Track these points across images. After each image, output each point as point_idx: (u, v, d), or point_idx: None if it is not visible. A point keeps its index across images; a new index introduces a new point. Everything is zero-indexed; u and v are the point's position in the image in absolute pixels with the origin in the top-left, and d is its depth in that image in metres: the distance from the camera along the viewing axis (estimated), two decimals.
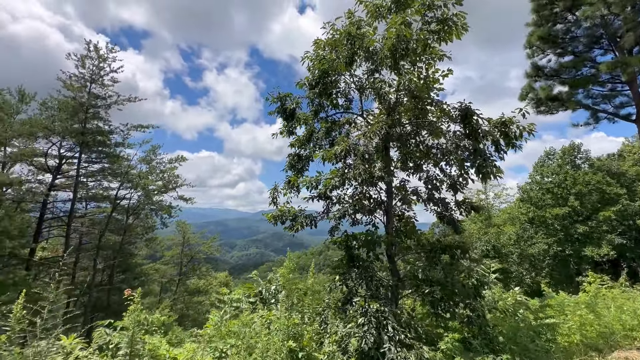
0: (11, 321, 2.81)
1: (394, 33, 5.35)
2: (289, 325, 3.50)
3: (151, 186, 16.94)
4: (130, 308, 3.35)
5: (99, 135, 13.23)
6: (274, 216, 6.28)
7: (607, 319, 5.95)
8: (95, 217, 16.40)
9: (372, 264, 5.72)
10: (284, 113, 7.13)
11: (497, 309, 6.18)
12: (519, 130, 5.88)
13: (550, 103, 11.58)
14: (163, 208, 17.23)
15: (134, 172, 15.95)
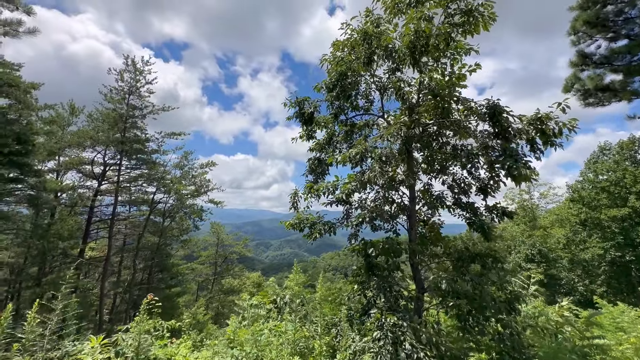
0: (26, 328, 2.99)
1: (411, 29, 5.04)
2: (295, 339, 3.39)
3: (184, 190, 17.89)
4: (137, 318, 3.44)
5: (136, 144, 14.25)
6: (291, 224, 6.21)
7: None
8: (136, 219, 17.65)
9: (392, 273, 5.43)
10: (302, 117, 7.05)
11: (533, 326, 5.57)
12: (558, 126, 5.26)
13: (601, 94, 10.37)
14: (195, 211, 18.09)
15: (169, 177, 16.95)
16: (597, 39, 10.45)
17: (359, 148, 5.45)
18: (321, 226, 6.24)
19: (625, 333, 5.68)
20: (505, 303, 5.42)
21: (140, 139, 14.93)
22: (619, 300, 24.93)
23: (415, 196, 6.40)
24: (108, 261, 14.25)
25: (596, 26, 10.04)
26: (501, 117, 5.23)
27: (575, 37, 10.69)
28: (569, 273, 30.32)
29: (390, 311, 4.70)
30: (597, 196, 28.76)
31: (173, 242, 19.55)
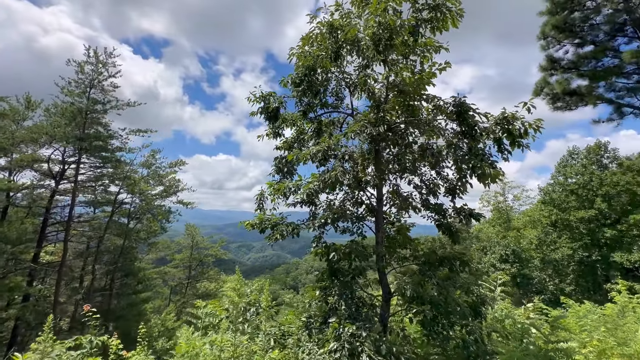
0: None
1: (375, 21, 4.79)
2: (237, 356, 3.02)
3: (152, 191, 17.05)
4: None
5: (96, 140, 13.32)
6: (251, 224, 5.81)
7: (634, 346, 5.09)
8: (100, 221, 16.59)
9: (355, 278, 5.14)
10: (266, 113, 6.66)
11: (498, 331, 5.43)
12: (524, 127, 5.16)
13: (568, 98, 10.60)
14: (161, 213, 17.22)
15: (136, 177, 16.06)
16: (565, 44, 10.67)
17: (322, 146, 5.14)
18: (284, 227, 5.87)
19: (589, 334, 5.64)
20: (470, 307, 5.25)
21: (102, 136, 13.96)
22: (586, 298, 25.94)
23: (382, 197, 6.16)
24: (63, 266, 13.23)
25: (564, 31, 10.22)
26: (467, 116, 5.07)
27: (545, 41, 10.88)
28: (541, 272, 31.34)
29: (350, 319, 4.39)
30: (567, 198, 29.87)
31: (140, 245, 18.55)
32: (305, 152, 5.22)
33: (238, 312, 4.50)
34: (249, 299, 4.73)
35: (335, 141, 5.05)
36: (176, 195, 17.82)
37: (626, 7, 9.08)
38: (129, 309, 14.92)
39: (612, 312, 10.92)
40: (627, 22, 9.30)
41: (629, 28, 9.50)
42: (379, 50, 4.98)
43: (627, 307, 10.50)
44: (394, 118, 5.82)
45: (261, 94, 6.79)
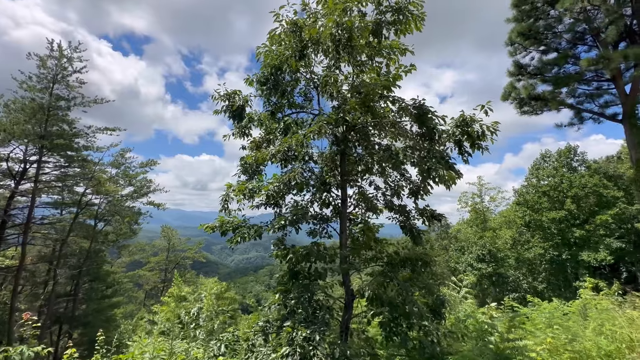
0: None
1: (333, 20, 4.75)
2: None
3: (123, 192, 16.40)
4: None
5: (59, 138, 12.58)
6: (212, 226, 5.64)
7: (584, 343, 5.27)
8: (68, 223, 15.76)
9: (314, 280, 5.06)
10: (230, 112, 6.50)
11: (453, 332, 5.49)
12: (482, 129, 5.26)
13: (534, 103, 10.96)
14: (128, 214, 16.52)
15: (103, 177, 15.38)
16: (531, 51, 11.04)
17: (282, 147, 5.05)
18: (246, 230, 5.73)
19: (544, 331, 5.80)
20: (429, 308, 5.29)
21: (66, 134, 13.23)
22: (557, 295, 26.95)
23: (346, 198, 6.13)
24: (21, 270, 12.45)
25: (529, 38, 10.56)
26: (427, 118, 5.11)
27: (512, 48, 11.22)
28: (515, 271, 32.33)
29: (305, 323, 4.31)
30: (539, 200, 30.92)
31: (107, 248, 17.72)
32: (264, 153, 5.10)
33: (190, 317, 4.33)
34: (202, 303, 4.58)
35: (295, 142, 4.96)
36: (148, 196, 17.23)
37: (585, 17, 9.48)
38: (96, 315, 14.22)
39: (576, 309, 11.37)
40: (587, 31, 9.72)
41: (589, 37, 9.93)
42: (338, 51, 4.94)
43: (589, 304, 10.95)
44: (357, 119, 5.80)
45: (226, 91, 6.63)
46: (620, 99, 9.17)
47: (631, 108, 8.93)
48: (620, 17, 8.14)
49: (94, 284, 15.24)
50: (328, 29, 4.88)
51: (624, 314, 6.11)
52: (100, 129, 14.55)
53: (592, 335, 5.38)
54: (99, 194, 15.04)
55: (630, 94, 9.02)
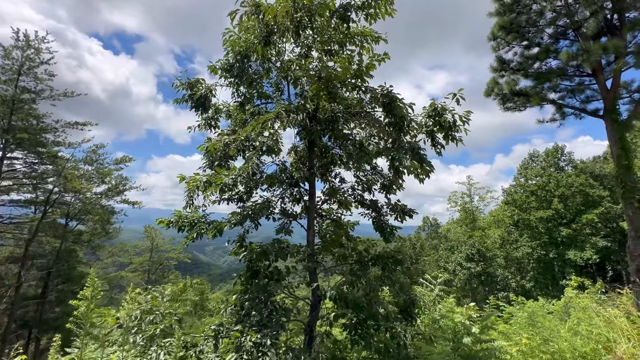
0: None
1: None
2: None
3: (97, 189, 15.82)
4: None
5: (23, 133, 11.91)
6: (167, 222, 5.23)
7: (559, 344, 5.02)
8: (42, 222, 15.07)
9: (271, 280, 4.69)
10: (192, 102, 6.09)
11: (420, 333, 5.19)
12: (453, 118, 4.97)
13: (516, 98, 10.76)
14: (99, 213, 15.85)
15: (74, 173, 14.71)
16: (514, 46, 10.85)
17: (239, 135, 4.67)
18: (205, 225, 5.34)
19: (519, 332, 5.54)
20: (401, 309, 4.97)
21: (31, 128, 12.57)
22: (544, 293, 26.97)
23: (314, 193, 5.78)
24: None
25: (511, 32, 10.35)
26: (395, 106, 4.79)
27: (495, 43, 11.01)
28: (504, 270, 32.40)
29: (257, 326, 3.94)
30: (527, 199, 31.06)
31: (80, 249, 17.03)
32: (216, 142, 4.72)
33: (132, 321, 3.94)
34: (148, 306, 4.18)
35: (251, 131, 4.59)
36: (124, 194, 16.61)
37: (567, 11, 9.30)
38: (67, 319, 13.50)
39: (559, 308, 11.21)
40: (568, 25, 9.55)
41: (571, 32, 9.76)
42: (298, 32, 4.59)
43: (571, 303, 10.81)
44: (323, 107, 5.45)
45: (188, 80, 6.22)
46: (601, 94, 9.01)
47: (612, 103, 8.78)
48: (601, 8, 7.97)
49: (65, 286, 14.56)
50: (284, 7, 4.53)
51: (603, 312, 5.89)
52: (69, 123, 13.90)
53: (567, 335, 5.14)
54: (66, 192, 14.37)
55: (611, 89, 8.87)
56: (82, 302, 2.90)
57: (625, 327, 5.43)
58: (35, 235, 13.60)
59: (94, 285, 2.90)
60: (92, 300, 2.86)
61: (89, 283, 2.94)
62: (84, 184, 14.79)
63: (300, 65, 5.08)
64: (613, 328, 5.42)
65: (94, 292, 2.87)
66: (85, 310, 2.80)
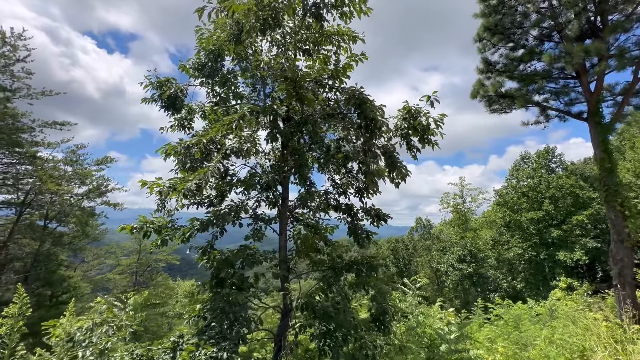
0: None
1: None
2: None
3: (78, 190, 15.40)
4: None
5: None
6: (130, 228, 4.99)
7: (533, 354, 4.89)
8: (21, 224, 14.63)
9: (241, 289, 4.49)
10: (162, 102, 5.86)
11: (390, 344, 5.03)
12: (427, 120, 4.82)
13: (502, 100, 10.68)
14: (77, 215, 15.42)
15: (55, 174, 14.32)
16: (500, 48, 10.77)
17: (204, 137, 4.47)
18: (171, 231, 5.12)
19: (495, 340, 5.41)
20: (372, 319, 4.80)
21: (8, 128, 12.14)
22: (535, 294, 27.02)
23: (287, 196, 5.59)
24: None
25: (496, 34, 10.26)
26: (365, 107, 4.63)
27: (481, 44, 10.92)
28: (496, 271, 32.48)
29: (217, 338, 3.75)
30: (519, 200, 31.14)
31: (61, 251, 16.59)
32: (174, 146, 4.51)
33: (83, 334, 3.71)
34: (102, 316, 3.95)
35: (215, 133, 4.39)
36: (106, 195, 16.17)
37: (552, 13, 9.23)
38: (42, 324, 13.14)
39: (545, 311, 11.16)
40: (552, 27, 9.49)
41: (556, 34, 9.70)
42: (263, 30, 4.40)
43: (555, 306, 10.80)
44: (293, 108, 5.27)
45: (157, 79, 5.99)
46: (585, 97, 8.95)
47: (595, 106, 8.72)
48: (584, 10, 7.90)
49: (43, 290, 14.14)
50: (245, 5, 4.34)
51: (582, 319, 5.78)
52: (47, 123, 13.50)
53: (543, 344, 5.02)
54: (41, 193, 13.95)
55: (594, 92, 8.81)
56: (6, 320, 2.67)
57: (603, 334, 5.33)
58: (11, 238, 13.21)
59: (23, 302, 2.67)
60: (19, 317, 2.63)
61: (16, 299, 2.71)
62: (63, 185, 14.40)
63: (267, 65, 4.89)
64: (591, 336, 5.32)
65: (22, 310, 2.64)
66: (11, 330, 2.58)
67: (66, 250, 16.73)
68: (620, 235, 7.88)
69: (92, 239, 18.54)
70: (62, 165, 15.08)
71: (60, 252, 15.92)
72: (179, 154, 4.61)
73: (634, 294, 7.48)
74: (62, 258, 16.29)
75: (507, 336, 7.10)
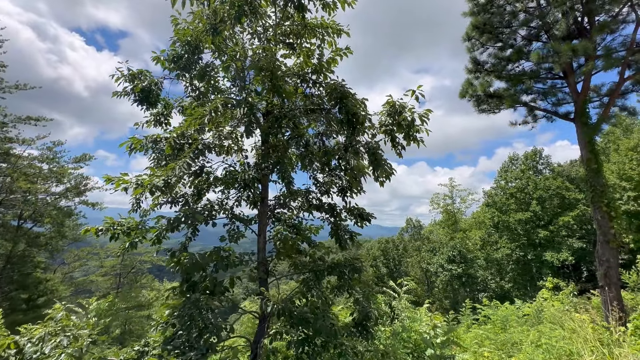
0: None
1: None
2: None
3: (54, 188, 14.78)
4: None
5: None
6: (95, 230, 4.64)
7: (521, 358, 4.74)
8: None
9: (205, 295, 4.20)
10: (134, 95, 5.52)
11: (371, 351, 4.82)
12: (412, 117, 4.62)
13: (490, 100, 10.60)
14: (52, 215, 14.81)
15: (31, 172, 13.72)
16: (488, 47, 10.69)
17: (175, 132, 4.17)
18: (140, 233, 4.80)
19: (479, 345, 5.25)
20: (354, 324, 4.57)
21: None
22: (522, 294, 27.26)
23: (267, 195, 5.32)
24: None
25: (484, 33, 10.18)
26: (347, 102, 4.40)
27: (470, 43, 10.83)
28: (485, 272, 32.72)
29: (184, 347, 3.45)
30: (507, 201, 31.43)
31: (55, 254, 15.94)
32: (140, 140, 4.20)
33: (34, 345, 3.38)
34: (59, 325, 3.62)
35: (187, 127, 4.11)
36: (85, 195, 15.52)
37: (540, 13, 9.18)
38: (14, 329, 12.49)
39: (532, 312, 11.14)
40: (540, 26, 9.44)
41: (544, 34, 9.66)
42: (238, 17, 4.13)
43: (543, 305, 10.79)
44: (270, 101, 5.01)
45: (130, 71, 5.65)
46: (572, 97, 8.91)
47: (582, 106, 8.69)
48: (571, 10, 7.85)
49: (17, 294, 13.45)
50: None
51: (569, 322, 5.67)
52: (20, 118, 12.87)
53: (530, 349, 4.88)
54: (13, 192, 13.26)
55: (581, 92, 8.78)
56: None
57: (590, 337, 5.22)
58: None
59: None
60: None
61: None
62: (37, 184, 13.75)
63: (244, 55, 4.62)
64: (577, 339, 5.20)
65: None
66: None
67: (43, 251, 16.05)
68: (606, 236, 7.85)
69: (72, 240, 17.87)
70: (38, 163, 14.44)
71: (36, 253, 15.24)
72: (145, 148, 4.28)
73: (620, 295, 7.45)
74: (39, 260, 15.61)
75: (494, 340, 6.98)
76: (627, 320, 6.48)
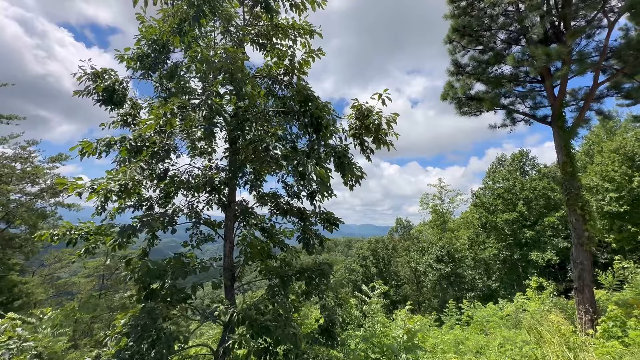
0: None
1: None
2: None
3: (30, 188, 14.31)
4: None
5: None
6: (48, 235, 4.46)
7: None
8: None
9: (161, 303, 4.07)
10: (96, 95, 5.33)
11: (331, 358, 4.76)
12: (379, 120, 4.55)
13: (471, 103, 10.63)
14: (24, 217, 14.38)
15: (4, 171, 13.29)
16: (469, 50, 10.72)
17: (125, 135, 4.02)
18: (100, 237, 4.63)
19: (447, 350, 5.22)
20: (320, 331, 4.49)
21: None
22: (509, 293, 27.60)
23: (234, 199, 5.20)
24: None
25: (465, 36, 10.19)
26: (311, 105, 4.31)
27: (451, 46, 10.84)
28: (473, 271, 33.07)
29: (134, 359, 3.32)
30: (495, 202, 31.78)
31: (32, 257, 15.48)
32: (91, 143, 4.04)
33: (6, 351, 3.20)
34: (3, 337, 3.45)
35: (145, 130, 3.96)
36: (62, 195, 15.07)
37: (518, 17, 9.22)
38: None
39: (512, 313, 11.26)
40: (519, 30, 9.49)
41: (522, 37, 9.71)
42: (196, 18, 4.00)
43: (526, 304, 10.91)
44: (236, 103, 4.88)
45: (94, 70, 5.45)
46: (549, 101, 8.99)
47: (559, 110, 8.76)
48: (547, 14, 7.90)
49: None
50: None
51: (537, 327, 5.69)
52: None
53: (494, 355, 4.87)
54: None
55: (557, 96, 8.86)
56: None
57: (557, 342, 5.24)
58: None
59: None
60: None
61: None
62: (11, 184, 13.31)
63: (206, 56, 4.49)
64: (544, 343, 5.22)
65: None
66: None
67: (18, 253, 15.57)
68: (580, 239, 7.93)
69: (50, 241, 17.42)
70: (11, 162, 13.99)
71: (11, 255, 14.78)
72: (97, 152, 4.12)
73: (593, 297, 7.53)
74: (15, 262, 15.15)
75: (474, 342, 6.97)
76: (597, 322, 6.55)
